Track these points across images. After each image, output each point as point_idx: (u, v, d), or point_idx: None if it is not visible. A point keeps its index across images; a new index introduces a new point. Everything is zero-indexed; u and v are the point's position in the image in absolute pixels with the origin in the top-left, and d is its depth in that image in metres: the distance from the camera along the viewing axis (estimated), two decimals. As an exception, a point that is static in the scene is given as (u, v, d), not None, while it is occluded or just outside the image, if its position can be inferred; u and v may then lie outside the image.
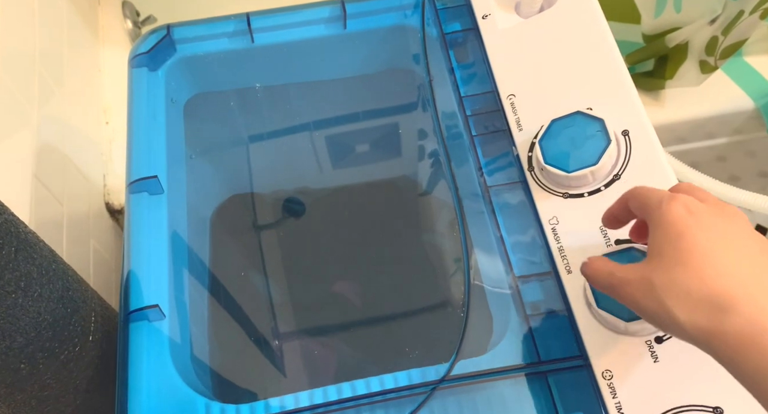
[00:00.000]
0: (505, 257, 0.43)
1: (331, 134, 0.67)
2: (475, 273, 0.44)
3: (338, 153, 0.69)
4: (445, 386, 0.39)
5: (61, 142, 0.72)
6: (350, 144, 0.68)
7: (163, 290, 0.44)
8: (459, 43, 0.52)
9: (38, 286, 0.34)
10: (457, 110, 0.49)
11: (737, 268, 0.28)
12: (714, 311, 0.27)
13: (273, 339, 0.59)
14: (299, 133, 0.66)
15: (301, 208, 0.68)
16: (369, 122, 0.68)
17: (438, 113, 0.50)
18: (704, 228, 0.29)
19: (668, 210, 0.30)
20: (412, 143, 0.68)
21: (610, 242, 0.40)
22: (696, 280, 0.28)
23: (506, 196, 0.45)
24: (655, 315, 0.30)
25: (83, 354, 0.40)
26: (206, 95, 0.57)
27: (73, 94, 0.78)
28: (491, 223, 0.44)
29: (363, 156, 0.70)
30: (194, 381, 0.43)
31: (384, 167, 0.71)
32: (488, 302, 0.44)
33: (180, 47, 0.54)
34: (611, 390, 0.37)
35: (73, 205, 0.71)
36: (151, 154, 0.48)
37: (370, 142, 0.69)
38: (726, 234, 0.30)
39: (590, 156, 0.41)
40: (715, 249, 0.29)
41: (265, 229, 0.67)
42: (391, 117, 0.67)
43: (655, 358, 0.37)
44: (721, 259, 0.29)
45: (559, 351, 0.39)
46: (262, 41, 0.54)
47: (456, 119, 0.49)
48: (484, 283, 0.44)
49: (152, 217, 0.46)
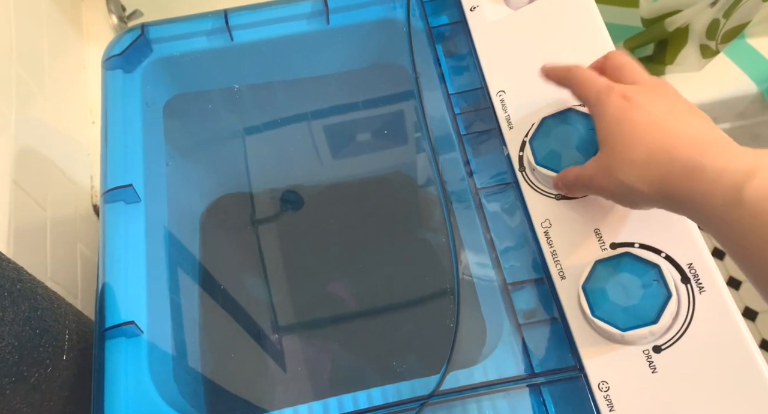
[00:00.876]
0: (496, 263, 0.41)
1: (324, 126, 0.65)
2: (466, 279, 0.43)
3: (332, 147, 0.66)
4: (435, 402, 0.37)
5: (43, 144, 0.70)
6: (342, 138, 0.66)
7: (140, 304, 0.42)
8: (446, 37, 0.50)
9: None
10: (445, 108, 0.47)
11: (671, 125, 0.32)
12: (657, 164, 0.31)
13: (266, 345, 0.57)
14: (287, 127, 0.64)
15: (295, 205, 0.66)
16: (360, 116, 0.65)
17: (425, 112, 0.47)
18: (640, 108, 0.33)
19: (607, 102, 0.34)
20: (404, 138, 0.66)
21: (605, 246, 0.38)
22: (639, 148, 0.32)
23: (496, 198, 0.43)
24: (619, 194, 0.34)
25: (56, 375, 0.38)
26: (186, 96, 0.55)
27: (55, 94, 0.75)
28: (482, 226, 0.43)
29: (355, 150, 0.67)
30: (177, 399, 0.41)
31: (377, 162, 0.68)
32: (481, 309, 0.42)
33: (156, 47, 0.52)
34: (608, 402, 0.35)
35: (57, 209, 0.69)
36: (126, 162, 0.46)
37: (362, 136, 0.67)
38: (658, 105, 0.33)
39: (581, 158, 0.39)
40: (651, 121, 0.33)
41: (259, 224, 0.65)
42: (383, 111, 0.65)
43: (653, 369, 0.35)
44: (657, 124, 0.32)
45: (554, 361, 0.38)
46: (241, 39, 0.52)
47: (444, 118, 0.47)
48: (477, 290, 0.42)
49: (129, 228, 0.44)
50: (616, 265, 0.36)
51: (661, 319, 0.34)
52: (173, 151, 0.53)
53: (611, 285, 0.36)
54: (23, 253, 0.58)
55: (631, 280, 0.35)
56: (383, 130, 0.65)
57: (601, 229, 0.39)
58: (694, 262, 0.35)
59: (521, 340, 0.39)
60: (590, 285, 0.36)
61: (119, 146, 0.47)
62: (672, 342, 0.34)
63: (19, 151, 0.62)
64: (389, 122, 0.65)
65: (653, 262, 0.35)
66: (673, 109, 0.33)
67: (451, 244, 0.43)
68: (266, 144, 0.65)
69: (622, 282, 0.35)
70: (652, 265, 0.35)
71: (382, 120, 0.64)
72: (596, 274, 0.36)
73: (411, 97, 0.59)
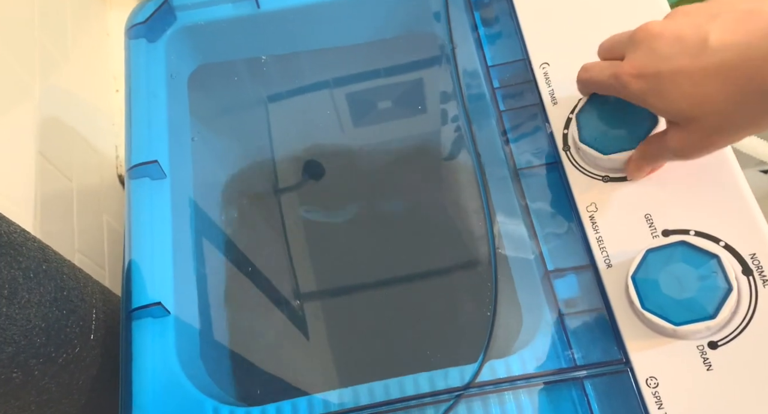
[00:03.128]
0: (536, 248, 0.39)
1: (351, 92, 0.62)
2: (503, 264, 0.40)
3: (358, 114, 0.64)
4: (471, 394, 0.36)
5: (67, 114, 0.68)
6: (370, 105, 0.64)
7: (167, 284, 0.41)
8: (486, 4, 0.47)
9: (25, 291, 0.32)
10: (484, 82, 0.44)
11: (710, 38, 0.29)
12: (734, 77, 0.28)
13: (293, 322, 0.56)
14: (312, 95, 0.62)
15: (320, 172, 0.64)
16: (389, 82, 0.62)
17: (462, 88, 0.45)
18: (671, 19, 0.31)
19: (642, 27, 0.32)
20: (435, 109, 0.63)
21: (657, 233, 0.36)
22: (705, 94, 0.29)
23: (538, 179, 0.41)
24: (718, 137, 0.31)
25: (84, 354, 0.38)
26: (211, 66, 0.53)
27: (78, 62, 0.74)
28: (521, 210, 0.40)
29: (383, 117, 0.65)
30: (204, 380, 0.40)
31: (401, 131, 0.66)
32: (518, 296, 0.40)
33: (180, 15, 0.49)
34: (657, 399, 0.33)
35: (83, 180, 0.68)
36: (151, 137, 0.45)
37: (391, 104, 0.64)
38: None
39: (631, 140, 0.36)
40: (687, 20, 0.30)
41: (284, 193, 0.63)
42: (411, 79, 0.62)
43: (708, 366, 0.33)
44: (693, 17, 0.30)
45: (598, 354, 0.36)
46: (268, 6, 0.49)
47: (483, 93, 0.44)
48: (514, 276, 0.40)
49: (154, 204, 0.43)
50: (670, 254, 0.34)
51: (719, 313, 0.31)
52: (198, 125, 0.51)
53: (664, 276, 0.33)
54: (50, 224, 0.58)
55: (686, 271, 0.33)
56: (410, 100, 0.62)
57: (653, 214, 0.36)
58: (758, 253, 0.33)
59: (563, 331, 0.37)
60: (640, 275, 0.34)
61: (144, 120, 0.45)
62: (730, 338, 0.32)
63: (43, 121, 0.61)
64: (416, 93, 0.62)
65: (711, 252, 0.33)
66: (695, 24, 0.30)
67: (488, 230, 0.41)
68: (290, 113, 0.63)
69: (676, 273, 0.33)
70: (711, 255, 0.33)
71: (410, 90, 0.62)
72: (647, 264, 0.34)
73: (444, 67, 0.56)
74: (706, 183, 0.36)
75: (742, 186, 0.35)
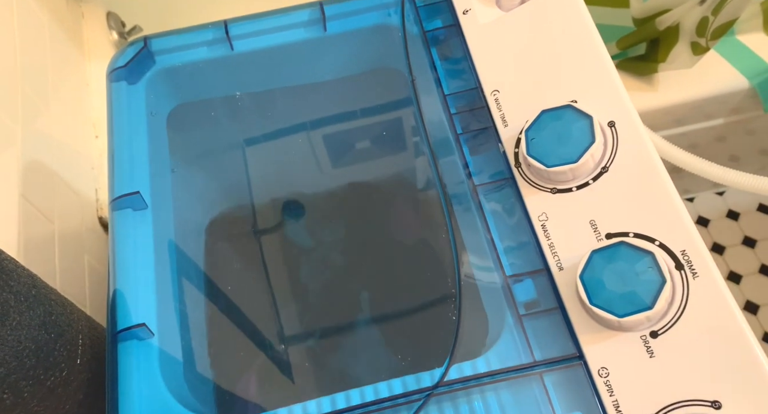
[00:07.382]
0: (496, 257, 0.42)
1: (325, 134, 0.66)
2: (467, 274, 0.44)
3: (333, 154, 0.68)
4: (440, 392, 0.38)
5: (49, 158, 0.71)
6: (345, 144, 0.67)
7: (150, 307, 0.43)
8: (441, 41, 0.51)
9: (17, 314, 0.34)
10: (442, 110, 0.48)
11: None
12: None
13: (271, 347, 0.58)
14: (288, 137, 0.65)
15: (300, 212, 0.67)
16: (358, 123, 0.67)
17: (422, 114, 0.49)
18: None
19: None
20: (402, 142, 0.67)
21: (601, 236, 0.39)
22: None
23: (494, 194, 0.44)
24: None
25: (71, 378, 0.39)
26: (189, 105, 0.56)
27: (60, 109, 0.77)
28: (481, 223, 0.44)
29: (358, 155, 0.69)
30: (188, 399, 0.42)
31: (377, 168, 0.70)
32: (483, 303, 0.43)
33: (159, 58, 0.53)
34: (608, 387, 0.36)
35: (64, 222, 0.70)
36: (133, 169, 0.47)
37: (364, 141, 0.68)
38: None
39: (572, 153, 0.40)
40: None
41: (263, 234, 0.66)
42: (381, 117, 0.66)
43: (651, 353, 0.36)
44: None
45: (555, 350, 0.39)
46: (241, 48, 0.53)
47: (441, 119, 0.48)
48: (478, 284, 0.44)
49: (137, 234, 0.46)
50: (612, 254, 0.37)
51: (656, 304, 0.35)
52: (177, 161, 0.54)
53: (607, 273, 0.37)
54: (33, 264, 0.59)
55: (626, 268, 0.36)
56: (381, 135, 0.66)
57: (597, 220, 0.40)
58: (687, 249, 0.36)
59: (522, 331, 0.40)
60: (587, 274, 0.37)
61: (125, 155, 0.48)
62: (668, 327, 0.35)
63: (25, 165, 0.64)
64: (387, 127, 0.66)
65: (647, 250, 0.36)
66: None
67: (451, 242, 0.44)
68: (267, 154, 0.66)
69: (617, 270, 0.36)
70: (646, 252, 0.36)
71: (380, 125, 0.66)
72: (593, 264, 0.37)
73: (409, 102, 0.61)
74: (641, 191, 0.40)
75: (672, 192, 0.39)
